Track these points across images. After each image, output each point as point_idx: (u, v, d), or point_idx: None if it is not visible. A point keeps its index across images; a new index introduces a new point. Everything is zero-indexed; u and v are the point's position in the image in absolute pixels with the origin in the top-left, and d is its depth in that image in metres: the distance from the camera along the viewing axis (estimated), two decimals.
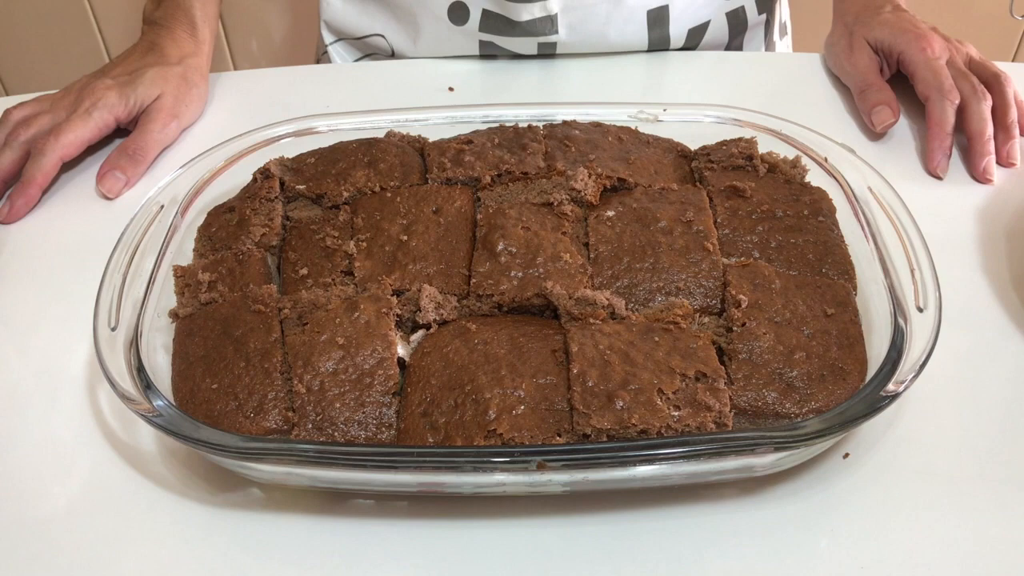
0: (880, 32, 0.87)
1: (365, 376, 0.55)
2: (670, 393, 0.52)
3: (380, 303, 0.59)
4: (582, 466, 0.51)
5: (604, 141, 0.72)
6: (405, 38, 0.97)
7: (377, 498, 0.56)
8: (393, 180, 0.69)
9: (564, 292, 0.58)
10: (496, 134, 0.73)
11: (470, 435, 0.52)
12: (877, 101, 0.83)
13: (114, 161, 0.81)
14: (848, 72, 0.88)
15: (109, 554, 0.54)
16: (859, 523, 0.54)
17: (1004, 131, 0.79)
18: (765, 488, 0.55)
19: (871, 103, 0.83)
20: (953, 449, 0.57)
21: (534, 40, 0.93)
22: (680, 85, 0.93)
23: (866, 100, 0.84)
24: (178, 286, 0.63)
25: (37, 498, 0.57)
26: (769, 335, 0.56)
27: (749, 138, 0.71)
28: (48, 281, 0.72)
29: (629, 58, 0.95)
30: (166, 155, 0.84)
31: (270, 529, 0.55)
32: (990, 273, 0.69)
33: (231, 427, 0.54)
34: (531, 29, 0.92)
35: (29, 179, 0.78)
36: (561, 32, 0.92)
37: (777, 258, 0.63)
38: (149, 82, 0.84)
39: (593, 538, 0.54)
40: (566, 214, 0.65)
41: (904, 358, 0.53)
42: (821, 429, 0.50)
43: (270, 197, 0.68)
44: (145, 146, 0.82)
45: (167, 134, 0.84)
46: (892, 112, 0.82)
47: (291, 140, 0.75)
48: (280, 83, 0.95)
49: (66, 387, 0.63)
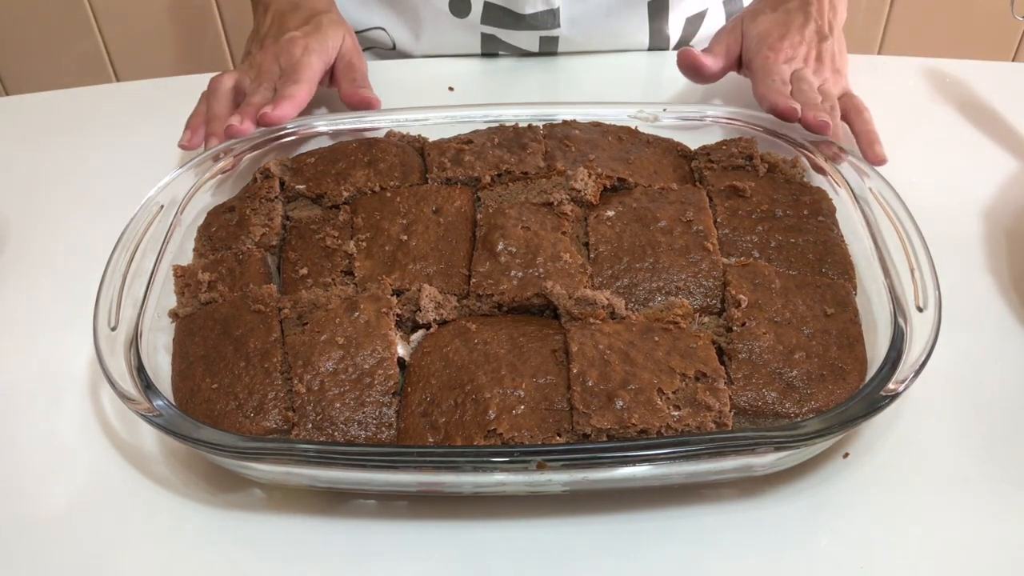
0: (754, 27, 0.82)
1: (365, 376, 0.55)
2: (670, 393, 0.52)
3: (380, 303, 0.59)
4: (582, 466, 0.51)
5: (604, 141, 0.72)
6: (406, 31, 0.97)
7: (377, 498, 0.56)
8: (393, 180, 0.69)
9: (564, 292, 0.58)
10: (496, 134, 0.73)
11: (470, 435, 0.52)
12: None
13: (354, 91, 0.81)
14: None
15: (109, 554, 0.54)
16: (859, 523, 0.54)
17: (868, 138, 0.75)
18: (765, 488, 0.55)
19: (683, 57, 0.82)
20: (953, 449, 0.57)
21: (536, 34, 0.93)
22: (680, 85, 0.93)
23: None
24: (178, 286, 0.63)
25: (37, 498, 0.57)
26: (769, 335, 0.56)
27: (749, 138, 0.71)
28: (48, 281, 0.72)
29: (629, 57, 0.95)
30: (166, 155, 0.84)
31: (270, 529, 0.55)
32: (990, 273, 0.69)
33: (231, 427, 0.54)
34: (534, 23, 0.92)
35: (289, 94, 0.76)
36: (563, 26, 0.92)
37: (777, 258, 0.63)
38: (330, 27, 0.84)
39: (593, 538, 0.54)
40: (566, 214, 0.65)
41: (904, 358, 0.53)
42: (821, 429, 0.50)
43: (270, 197, 0.68)
44: (365, 73, 0.85)
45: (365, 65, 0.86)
46: None
47: (291, 140, 0.75)
48: None
49: (66, 387, 0.63)
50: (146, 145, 0.85)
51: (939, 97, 0.88)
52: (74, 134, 0.88)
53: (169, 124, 0.89)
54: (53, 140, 0.87)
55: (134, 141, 0.86)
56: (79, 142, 0.87)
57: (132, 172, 0.82)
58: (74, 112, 0.91)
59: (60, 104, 0.92)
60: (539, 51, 0.95)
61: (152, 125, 0.87)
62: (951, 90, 0.89)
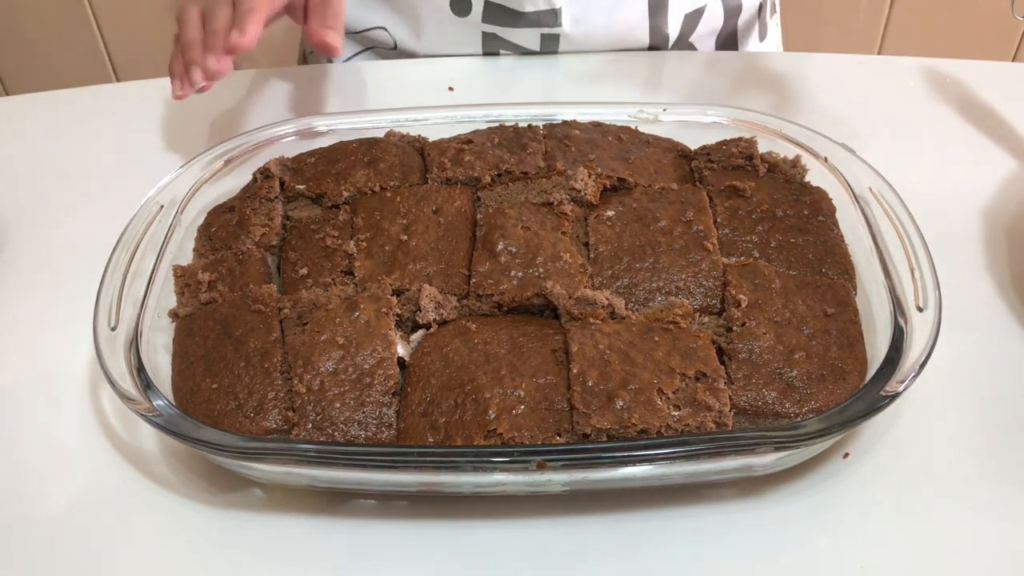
0: None
1: (365, 376, 0.55)
2: (670, 393, 0.52)
3: (380, 303, 0.59)
4: (582, 466, 0.51)
5: (604, 141, 0.72)
6: (407, 30, 0.97)
7: (377, 498, 0.56)
8: (393, 180, 0.69)
9: (564, 292, 0.58)
10: (496, 134, 0.73)
11: (470, 435, 0.52)
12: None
13: (318, 30, 0.75)
14: None
15: (109, 554, 0.54)
16: (859, 523, 0.54)
17: None
18: (765, 488, 0.55)
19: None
20: (953, 449, 0.57)
21: (537, 32, 0.93)
22: (680, 85, 0.93)
23: None
24: (178, 286, 0.63)
25: (37, 498, 0.57)
26: (769, 335, 0.56)
27: (749, 138, 0.71)
28: (48, 281, 0.72)
29: (629, 57, 0.95)
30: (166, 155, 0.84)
31: (270, 529, 0.55)
32: (990, 272, 0.69)
33: (231, 427, 0.54)
34: (535, 21, 0.92)
35: (249, 7, 0.71)
36: (565, 24, 0.92)
37: (777, 258, 0.63)
38: None
39: (593, 538, 0.54)
40: (566, 214, 0.65)
41: (904, 358, 0.53)
42: (821, 429, 0.50)
43: (270, 197, 0.68)
44: (339, 14, 0.77)
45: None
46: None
47: (291, 140, 0.75)
48: (280, 83, 0.95)
49: (67, 387, 0.63)
50: (146, 145, 0.85)
51: (939, 97, 0.88)
52: (74, 134, 0.88)
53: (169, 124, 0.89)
54: (53, 140, 0.87)
55: (134, 141, 0.86)
56: (79, 142, 0.87)
57: (132, 172, 0.82)
58: (74, 112, 0.91)
59: (60, 104, 0.92)
60: (540, 49, 0.95)
61: (152, 125, 0.88)
62: (951, 90, 0.89)
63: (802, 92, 0.91)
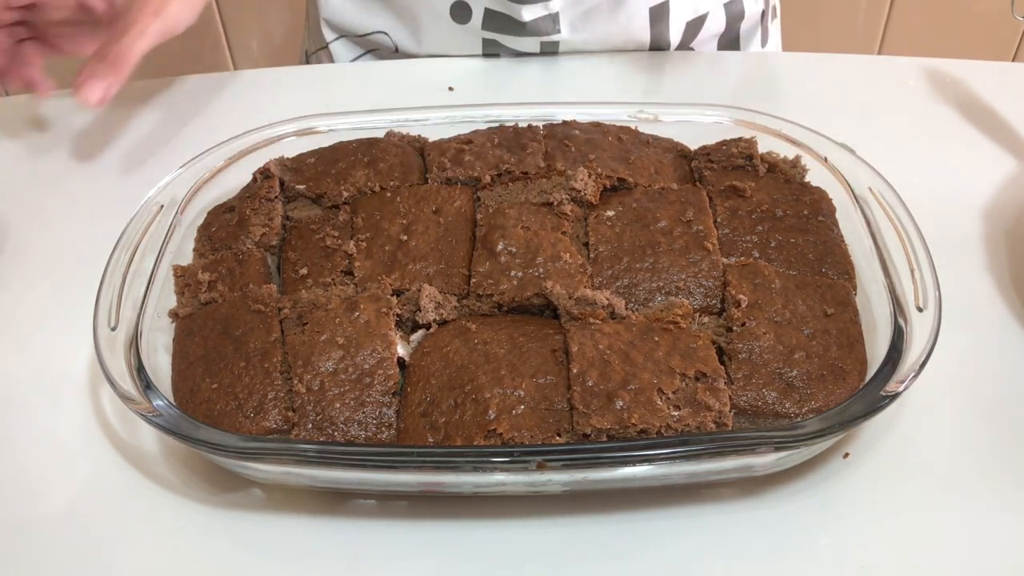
0: None
1: (365, 376, 0.55)
2: (670, 393, 0.52)
3: (380, 303, 0.59)
4: (582, 466, 0.51)
5: (604, 141, 0.72)
6: (408, 35, 0.97)
7: (377, 498, 0.56)
8: (393, 180, 0.69)
9: (564, 292, 0.58)
10: (496, 134, 0.72)
11: (470, 435, 0.52)
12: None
13: (92, 69, 0.72)
14: None
15: (109, 554, 0.54)
16: (859, 523, 0.54)
17: None
18: (765, 488, 0.55)
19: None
20: (953, 449, 0.57)
21: (537, 39, 0.93)
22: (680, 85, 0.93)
23: None
24: (178, 286, 0.63)
25: (37, 498, 0.57)
26: (769, 335, 0.56)
27: (749, 138, 0.71)
28: (48, 281, 0.72)
29: (629, 58, 0.95)
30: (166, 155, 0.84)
31: (270, 529, 0.55)
32: (990, 273, 0.69)
33: (231, 427, 0.54)
34: (534, 29, 0.92)
35: None
36: (564, 31, 0.92)
37: (777, 258, 0.63)
38: None
39: (593, 538, 0.54)
40: (566, 214, 0.65)
41: (904, 358, 0.53)
42: (821, 429, 0.50)
43: (270, 197, 0.68)
44: (124, 51, 0.72)
45: (147, 37, 0.74)
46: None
47: (291, 140, 0.75)
48: (280, 83, 0.95)
49: (66, 387, 0.63)
50: (146, 145, 0.85)
51: (939, 97, 0.88)
52: (74, 134, 0.88)
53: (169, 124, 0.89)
54: (53, 140, 0.87)
55: (134, 141, 0.86)
56: (79, 142, 0.87)
57: (132, 172, 0.82)
58: (74, 112, 0.91)
59: (60, 104, 0.92)
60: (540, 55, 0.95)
61: (152, 125, 0.88)
62: (951, 90, 0.89)
63: (802, 92, 0.91)
